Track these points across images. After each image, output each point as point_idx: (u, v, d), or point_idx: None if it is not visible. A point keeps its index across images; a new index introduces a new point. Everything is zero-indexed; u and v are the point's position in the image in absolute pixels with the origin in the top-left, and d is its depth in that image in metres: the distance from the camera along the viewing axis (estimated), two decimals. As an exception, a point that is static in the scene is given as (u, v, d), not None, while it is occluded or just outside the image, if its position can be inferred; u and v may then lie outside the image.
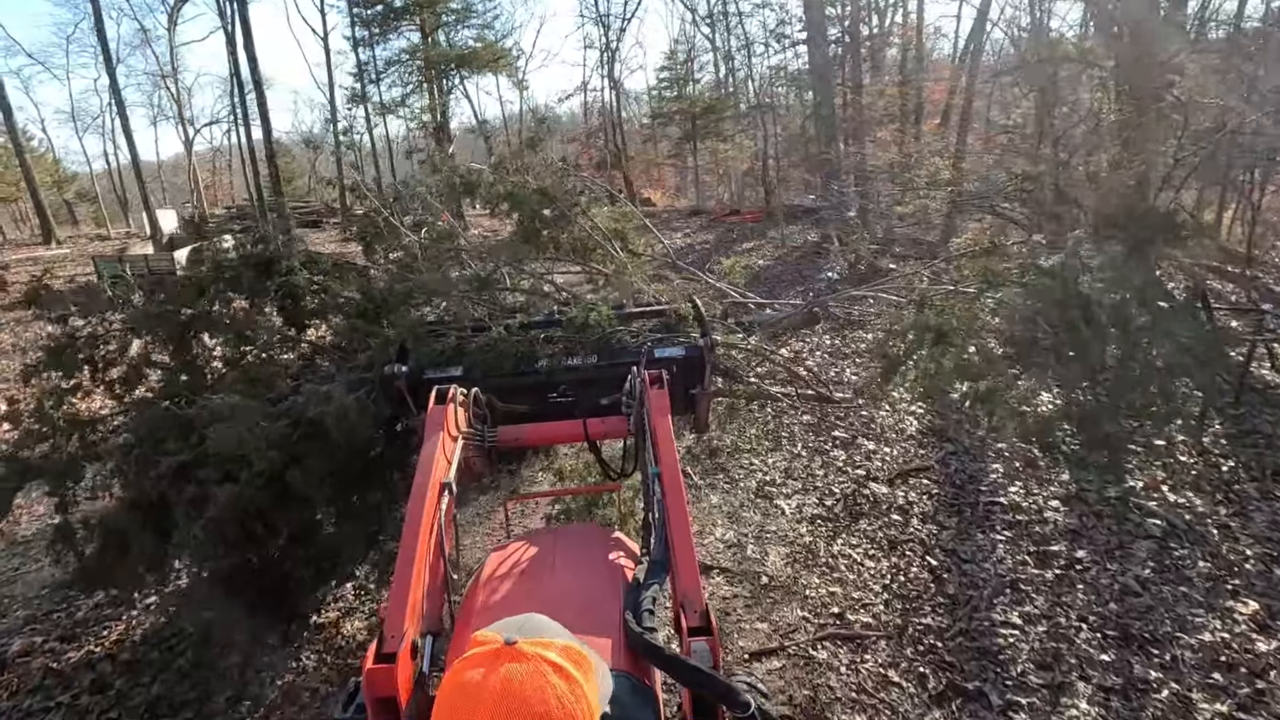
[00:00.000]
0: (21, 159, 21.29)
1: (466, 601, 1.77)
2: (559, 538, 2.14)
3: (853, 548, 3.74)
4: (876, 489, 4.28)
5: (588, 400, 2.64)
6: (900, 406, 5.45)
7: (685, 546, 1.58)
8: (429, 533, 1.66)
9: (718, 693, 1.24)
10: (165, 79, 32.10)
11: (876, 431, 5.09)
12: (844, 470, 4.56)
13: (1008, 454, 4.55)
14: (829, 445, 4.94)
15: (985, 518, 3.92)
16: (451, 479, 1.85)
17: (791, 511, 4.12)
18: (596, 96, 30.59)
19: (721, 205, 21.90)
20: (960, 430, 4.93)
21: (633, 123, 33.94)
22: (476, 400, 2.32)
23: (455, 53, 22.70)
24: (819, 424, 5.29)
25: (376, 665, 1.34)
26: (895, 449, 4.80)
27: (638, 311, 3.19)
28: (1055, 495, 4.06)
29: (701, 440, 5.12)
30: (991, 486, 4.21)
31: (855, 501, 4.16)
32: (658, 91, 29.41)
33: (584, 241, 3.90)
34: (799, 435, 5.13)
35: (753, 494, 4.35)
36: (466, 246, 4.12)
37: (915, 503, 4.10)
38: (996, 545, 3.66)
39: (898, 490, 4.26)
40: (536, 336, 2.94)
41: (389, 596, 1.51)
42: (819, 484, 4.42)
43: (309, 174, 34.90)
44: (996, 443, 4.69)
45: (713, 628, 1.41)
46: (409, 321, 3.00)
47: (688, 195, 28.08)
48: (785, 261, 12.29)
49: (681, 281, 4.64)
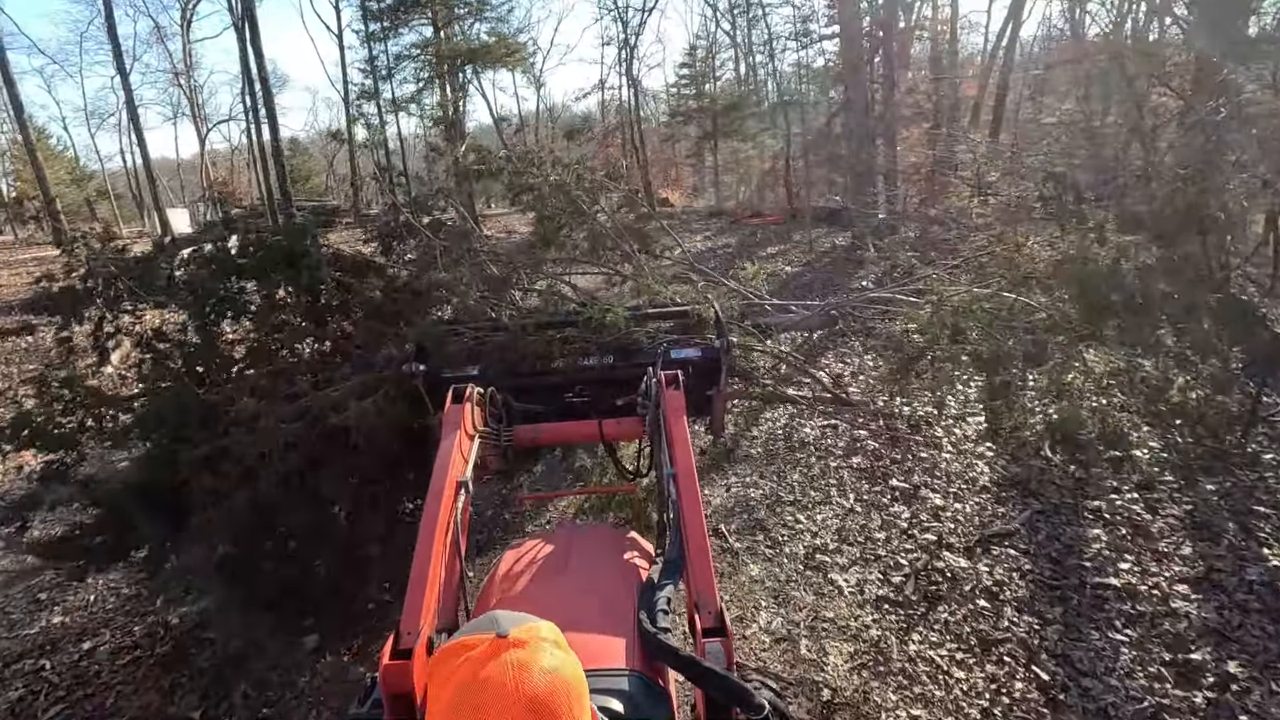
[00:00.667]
0: (33, 157, 21.00)
1: (481, 599, 1.79)
2: (574, 537, 2.13)
3: (934, 647, 2.98)
4: (953, 561, 3.52)
5: (603, 401, 2.66)
6: (966, 448, 4.68)
7: (700, 547, 1.58)
8: (445, 530, 1.68)
9: (732, 694, 1.23)
10: (179, 76, 31.90)
11: (942, 480, 4.32)
12: (909, 533, 3.79)
13: (1108, 515, 3.77)
14: (887, 498, 4.18)
15: (1097, 606, 3.14)
16: (468, 477, 1.86)
17: (851, 590, 3.37)
18: (614, 95, 30.07)
19: (742, 207, 21.11)
20: (1045, 482, 4.16)
21: (651, 121, 33.38)
22: (493, 399, 2.34)
23: (467, 47, 21.84)
24: (872, 470, 4.52)
25: (392, 662, 1.34)
26: (968, 504, 4.03)
27: (654, 312, 3.16)
28: (1181, 576, 3.27)
29: (732, 489, 4.39)
30: (1097, 561, 3.43)
31: (929, 578, 3.40)
32: (677, 89, 28.69)
33: (602, 241, 3.87)
34: (850, 484, 4.38)
35: (801, 564, 3.60)
36: (484, 246, 4.04)
37: (1005, 583, 3.32)
38: (1119, 650, 2.88)
39: (979, 563, 3.49)
40: (553, 337, 2.91)
41: (405, 593, 1.51)
42: (881, 551, 3.66)
43: (327, 172, 34.58)
44: (1092, 499, 3.92)
45: (727, 629, 1.41)
46: (427, 320, 3.02)
47: (705, 195, 27.49)
48: (815, 268, 11.48)
49: (699, 283, 4.54)
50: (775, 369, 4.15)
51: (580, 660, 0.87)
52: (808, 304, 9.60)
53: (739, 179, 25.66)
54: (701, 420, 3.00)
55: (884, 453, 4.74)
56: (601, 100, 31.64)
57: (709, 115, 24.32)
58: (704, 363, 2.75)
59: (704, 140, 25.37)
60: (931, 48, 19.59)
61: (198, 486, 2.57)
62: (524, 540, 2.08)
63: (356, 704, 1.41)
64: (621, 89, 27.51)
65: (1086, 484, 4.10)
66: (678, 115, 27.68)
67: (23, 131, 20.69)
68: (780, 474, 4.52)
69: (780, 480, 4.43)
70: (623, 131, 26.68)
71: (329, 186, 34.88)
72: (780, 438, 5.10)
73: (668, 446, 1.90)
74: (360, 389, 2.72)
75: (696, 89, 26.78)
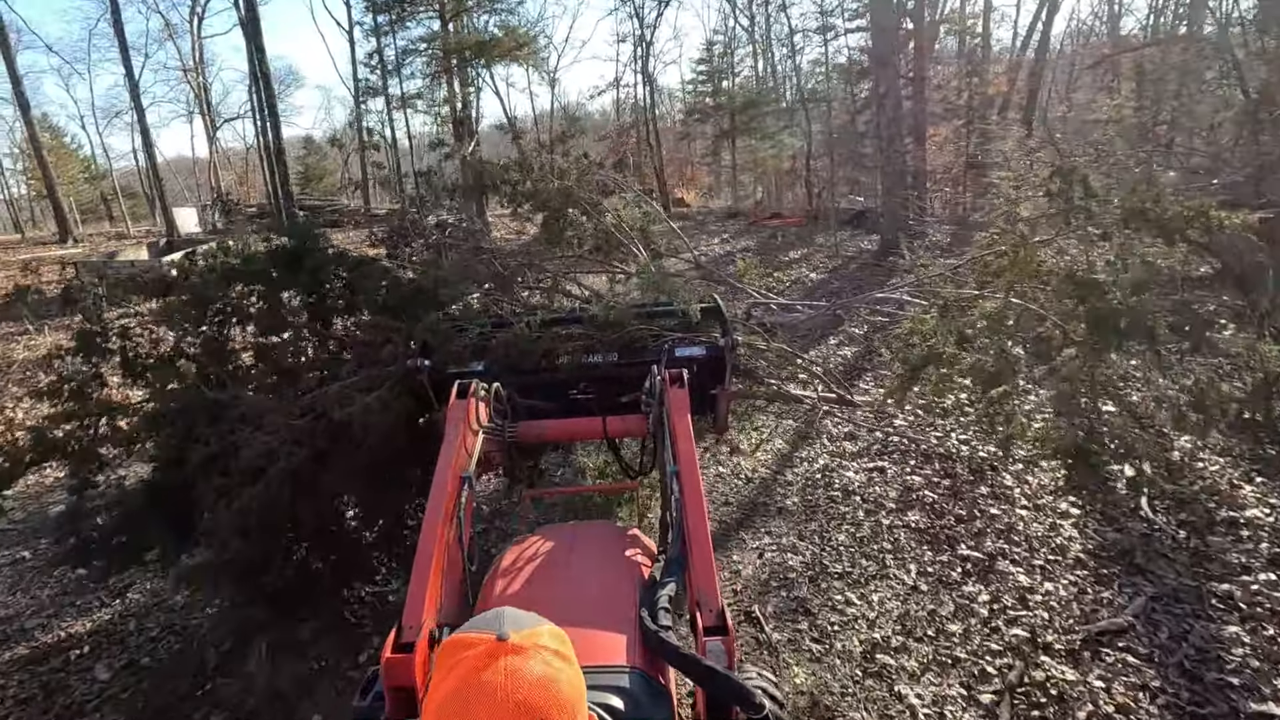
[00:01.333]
0: (38, 155, 20.92)
1: (483, 594, 1.79)
2: (576, 533, 2.16)
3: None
4: (1055, 670, 2.74)
5: (608, 398, 2.67)
6: (1043, 502, 3.92)
7: (703, 545, 1.58)
8: (448, 525, 1.70)
9: (732, 693, 1.23)
10: (187, 73, 31.49)
11: (1022, 547, 3.55)
12: (992, 625, 3.03)
13: (1244, 604, 3.00)
14: (957, 571, 3.41)
15: (1260, 751, 2.39)
16: (471, 472, 1.88)
17: (928, 713, 2.61)
18: (629, 93, 29.46)
19: (760, 208, 20.27)
20: (1153, 553, 3.38)
21: (666, 119, 32.82)
22: (497, 395, 2.35)
23: (474, 40, 20.52)
24: (934, 531, 3.76)
25: (394, 655, 1.37)
26: (1060, 584, 3.26)
27: (659, 310, 3.15)
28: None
29: (766, 554, 3.64)
30: (1244, 676, 2.65)
31: (1029, 696, 2.64)
32: (693, 85, 27.42)
33: (608, 240, 3.84)
34: (909, 549, 3.62)
35: (858, 667, 2.84)
36: (490, 245, 4.07)
37: (1131, 710, 2.56)
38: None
39: (1090, 673, 2.72)
40: (558, 334, 2.90)
41: (408, 587, 1.52)
42: (960, 651, 2.89)
43: (340, 171, 34.03)
44: (1218, 581, 3.14)
45: (729, 627, 1.42)
46: (432, 317, 3.01)
47: (721, 195, 26.85)
48: (842, 274, 10.71)
49: (704, 281, 4.62)
50: (780, 367, 4.02)
51: (580, 656, 0.85)
52: (814, 303, 9.12)
53: (756, 178, 24.77)
54: (705, 418, 3.00)
55: (944, 506, 3.98)
56: (616, 98, 30.95)
57: (726, 112, 23.16)
58: (708, 361, 2.73)
59: (721, 139, 24.27)
60: (959, 42, 18.72)
61: (206, 485, 2.60)
62: (527, 536, 2.11)
63: (359, 696, 1.42)
64: (636, 87, 26.85)
65: (1207, 558, 3.33)
66: (694, 113, 26.46)
67: (29, 129, 20.76)
68: (823, 534, 3.78)
69: (824, 543, 3.69)
70: (637, 130, 26.05)
71: (342, 186, 34.38)
72: (819, 483, 4.36)
73: (671, 444, 1.92)
74: (365, 384, 2.73)
75: (714, 86, 25.73)
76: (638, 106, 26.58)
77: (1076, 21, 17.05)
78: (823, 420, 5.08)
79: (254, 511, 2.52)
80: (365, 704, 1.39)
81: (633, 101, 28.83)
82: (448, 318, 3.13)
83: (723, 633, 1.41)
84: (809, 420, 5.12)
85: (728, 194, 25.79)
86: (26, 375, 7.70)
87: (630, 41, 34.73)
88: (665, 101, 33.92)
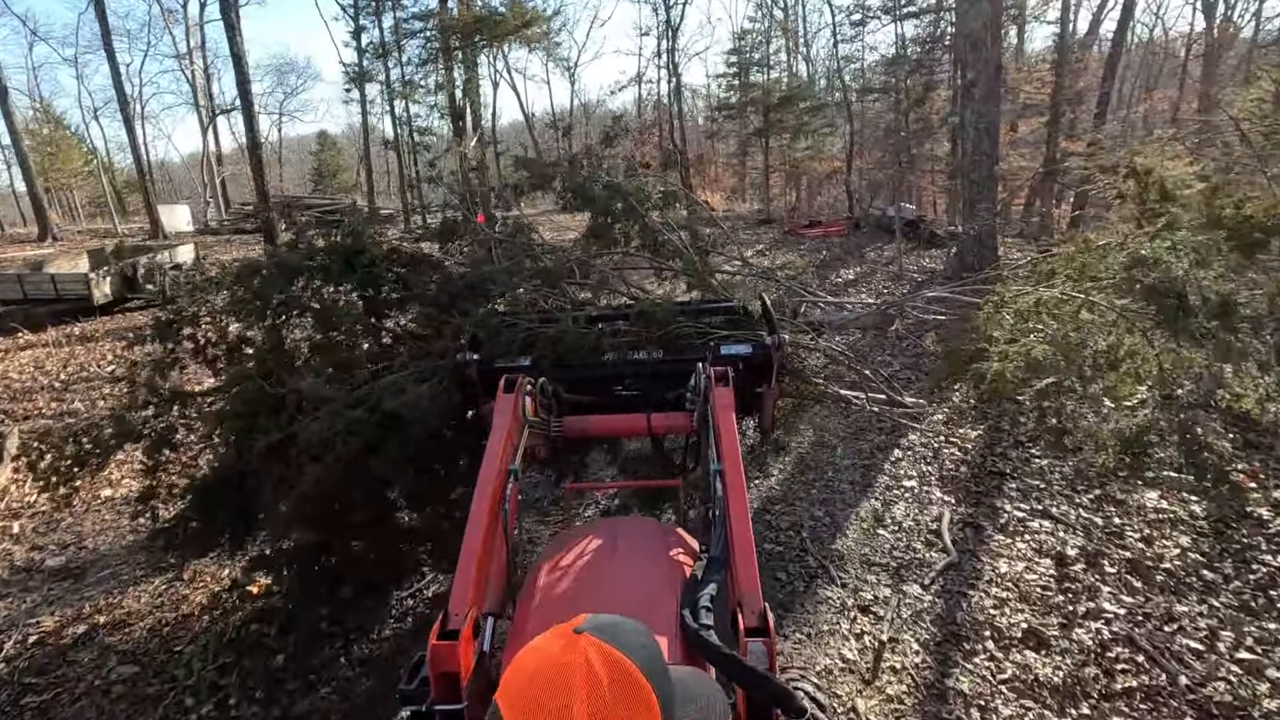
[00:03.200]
0: (17, 146, 19.82)
1: (527, 586, 1.81)
2: (619, 529, 2.11)
3: None
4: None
5: (652, 394, 2.67)
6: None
7: (745, 545, 1.58)
8: (494, 517, 1.75)
9: (773, 695, 1.22)
10: (181, 60, 29.60)
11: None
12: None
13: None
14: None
15: None
16: (517, 466, 1.93)
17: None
18: (651, 89, 28.38)
19: (797, 214, 18.43)
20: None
21: (692, 118, 31.20)
22: (543, 390, 2.40)
23: (474, 16, 17.81)
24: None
25: (440, 642, 1.41)
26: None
27: (705, 307, 3.19)
28: None
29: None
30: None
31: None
32: (725, 79, 24.84)
33: (654, 238, 3.89)
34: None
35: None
36: (539, 241, 4.10)
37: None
38: None
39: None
40: (603, 330, 2.93)
41: (454, 576, 1.56)
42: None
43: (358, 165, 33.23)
44: None
45: (770, 629, 1.41)
46: (481, 312, 3.07)
47: (746, 198, 25.22)
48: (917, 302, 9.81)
49: (750, 278, 4.55)
50: (827, 367, 3.96)
51: None
52: (864, 301, 8.84)
53: (790, 181, 22.78)
54: (750, 417, 3.01)
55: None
56: (638, 95, 29.77)
57: (760, 108, 20.60)
58: (754, 359, 2.71)
59: (755, 137, 21.82)
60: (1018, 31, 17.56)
61: (268, 474, 2.73)
62: (570, 530, 2.11)
63: (405, 680, 1.45)
64: (660, 83, 25.70)
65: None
66: (725, 108, 24.03)
67: (7, 120, 19.66)
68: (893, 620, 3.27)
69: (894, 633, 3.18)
70: (659, 128, 24.40)
71: (356, 182, 33.93)
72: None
73: (715, 443, 1.92)
74: (416, 376, 2.80)
75: (741, 81, 23.44)
76: (660, 104, 25.18)
77: (1154, 14, 15.91)
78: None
79: (311, 499, 2.64)
80: (411, 687, 1.42)
81: (655, 99, 27.47)
82: (496, 313, 3.18)
83: (764, 634, 1.40)
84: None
85: (752, 196, 23.75)
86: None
87: (654, 35, 33.67)
88: (689, 100, 32.05)
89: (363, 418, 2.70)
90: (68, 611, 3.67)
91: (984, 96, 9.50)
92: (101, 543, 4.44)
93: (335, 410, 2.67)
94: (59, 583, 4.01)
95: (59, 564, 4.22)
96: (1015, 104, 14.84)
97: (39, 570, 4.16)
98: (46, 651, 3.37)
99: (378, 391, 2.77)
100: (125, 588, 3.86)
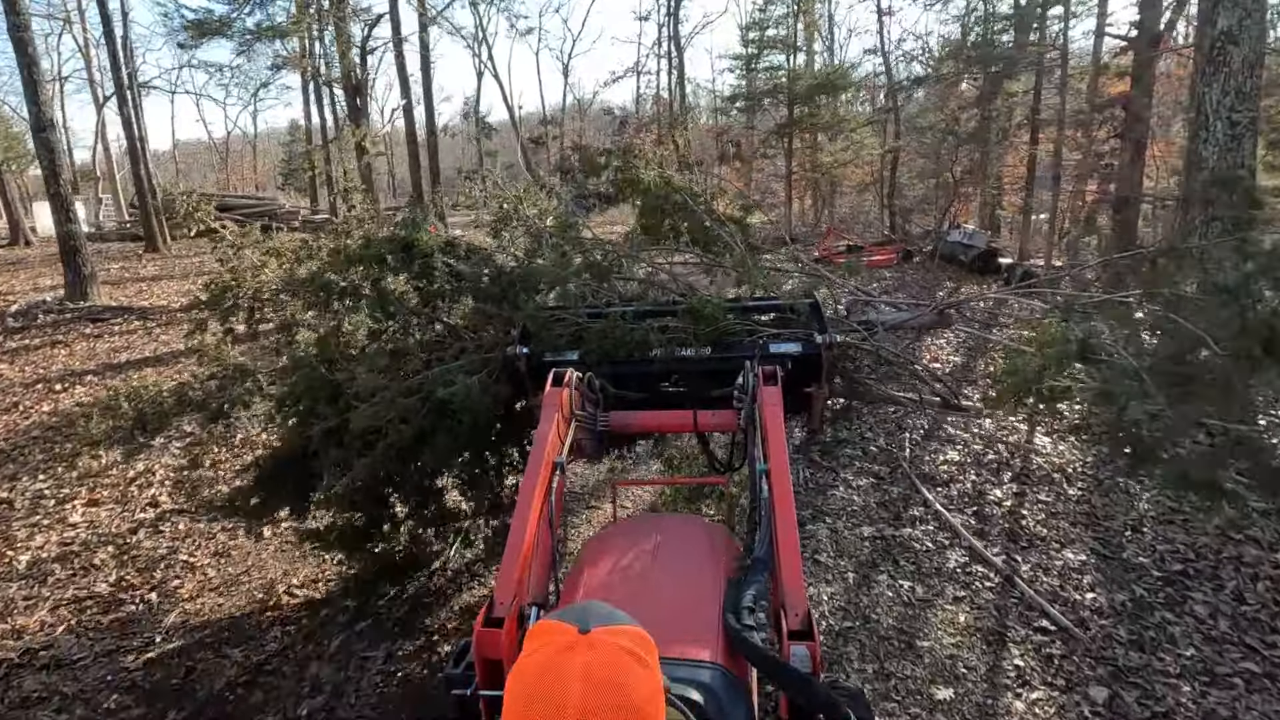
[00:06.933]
0: None
1: (570, 578, 1.84)
2: (663, 526, 2.16)
3: None
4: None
5: (699, 391, 2.66)
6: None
7: (790, 546, 1.57)
8: (540, 508, 1.78)
9: (817, 701, 1.17)
10: (69, 22, 21.69)
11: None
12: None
13: None
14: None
15: None
16: (564, 458, 1.96)
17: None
18: (650, 81, 24.97)
19: (833, 234, 14.42)
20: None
21: (698, 114, 26.47)
22: (590, 384, 2.45)
23: None
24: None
25: (485, 629, 1.46)
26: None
27: (754, 305, 3.16)
28: None
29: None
30: None
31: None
32: (743, 62, 19.27)
33: (705, 233, 3.86)
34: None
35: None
36: (589, 235, 4.10)
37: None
38: None
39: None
40: (652, 325, 2.91)
41: (500, 565, 1.61)
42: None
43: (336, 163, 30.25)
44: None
45: (814, 633, 1.39)
46: (532, 305, 3.09)
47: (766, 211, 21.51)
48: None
49: (801, 275, 4.48)
50: (878, 368, 3.86)
51: (661, 649, 0.85)
52: (919, 301, 8.52)
53: (813, 191, 18.84)
54: (798, 417, 2.96)
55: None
56: (636, 89, 26.40)
57: (783, 98, 16.43)
58: (804, 358, 2.67)
59: (775, 137, 17.41)
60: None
61: (325, 457, 2.82)
62: (614, 525, 2.13)
63: (451, 664, 1.47)
64: (660, 74, 21.60)
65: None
66: (744, 98, 19.20)
67: None
68: None
69: None
70: (658, 125, 20.50)
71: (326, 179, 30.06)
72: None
73: (762, 442, 1.91)
74: (467, 367, 2.85)
75: (747, 69, 18.56)
76: (660, 98, 21.73)
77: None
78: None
79: (364, 483, 2.72)
80: (457, 671, 1.44)
81: (655, 92, 23.61)
82: (546, 306, 3.21)
83: (808, 638, 1.39)
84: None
85: (781, 211, 18.46)
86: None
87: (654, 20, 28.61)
88: (692, 96, 27.04)
89: (415, 406, 2.75)
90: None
91: (1249, 62, 4.86)
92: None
93: (388, 399, 2.72)
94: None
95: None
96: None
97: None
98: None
99: (430, 381, 2.82)
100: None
